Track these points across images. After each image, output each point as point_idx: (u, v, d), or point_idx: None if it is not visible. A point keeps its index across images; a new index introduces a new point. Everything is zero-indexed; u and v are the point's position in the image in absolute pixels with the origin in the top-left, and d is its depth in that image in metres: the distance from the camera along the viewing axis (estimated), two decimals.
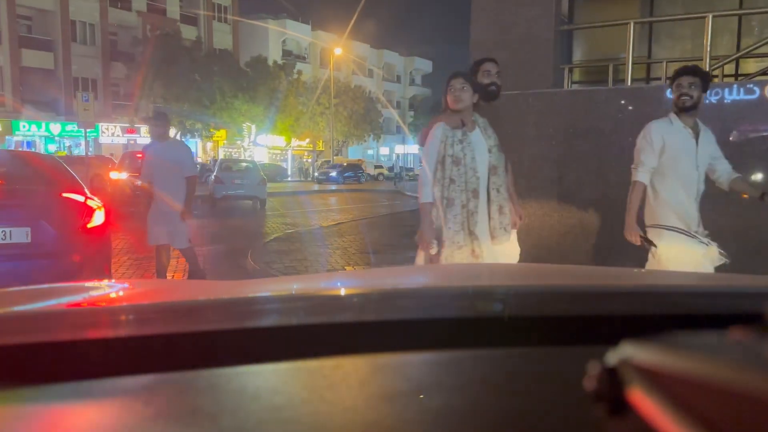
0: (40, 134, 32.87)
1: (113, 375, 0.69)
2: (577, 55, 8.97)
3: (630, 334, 0.52)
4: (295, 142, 42.73)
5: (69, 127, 32.80)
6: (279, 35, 47.56)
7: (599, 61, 8.53)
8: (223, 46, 39.32)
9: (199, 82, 32.04)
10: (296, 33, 48.07)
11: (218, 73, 32.79)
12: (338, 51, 38.76)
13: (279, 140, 41.82)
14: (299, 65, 40.43)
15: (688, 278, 1.46)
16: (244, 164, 19.07)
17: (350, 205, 19.01)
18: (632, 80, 6.33)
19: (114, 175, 13.54)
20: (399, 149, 61.58)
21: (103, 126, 33.82)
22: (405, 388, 0.65)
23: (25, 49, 31.41)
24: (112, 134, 35.53)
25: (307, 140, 44.17)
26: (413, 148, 58.06)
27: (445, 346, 0.78)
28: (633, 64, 6.15)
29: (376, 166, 47.72)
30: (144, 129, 36.51)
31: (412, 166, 50.87)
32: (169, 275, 5.96)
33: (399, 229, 10.44)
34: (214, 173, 17.02)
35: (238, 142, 40.10)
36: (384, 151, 60.76)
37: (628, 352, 0.45)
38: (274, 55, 42.78)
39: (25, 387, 0.68)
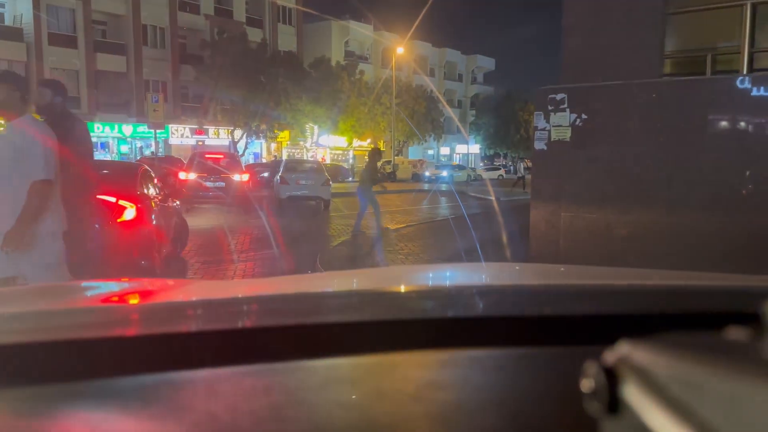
0: (113, 136, 34.04)
1: (109, 376, 0.69)
2: (669, 46, 8.20)
3: (626, 333, 0.52)
4: (356, 143, 42.71)
5: (140, 129, 33.82)
6: (342, 36, 47.76)
7: (696, 52, 7.73)
8: (288, 48, 39.70)
9: (264, 83, 32.38)
10: (359, 34, 48.18)
11: (283, 74, 33.07)
12: (400, 50, 38.43)
13: (341, 141, 41.90)
14: (361, 66, 40.37)
15: (684, 278, 1.45)
16: (308, 165, 18.96)
17: (415, 206, 18.57)
18: (731, 71, 5.60)
19: (182, 175, 13.65)
20: (461, 149, 60.75)
21: (172, 127, 34.71)
22: (400, 387, 0.66)
23: (100, 53, 32.56)
24: (181, 135, 36.43)
25: (369, 140, 44.09)
26: (475, 148, 57.21)
27: (440, 345, 0.78)
28: (734, 53, 5.40)
29: (437, 167, 47.26)
30: (213, 130, 37.49)
31: (474, 166, 50.02)
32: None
33: (466, 234, 9.90)
34: (279, 174, 16.97)
35: (301, 142, 40.42)
36: (445, 151, 60.06)
37: (624, 351, 0.46)
38: (336, 56, 42.94)
39: (26, 387, 0.68)
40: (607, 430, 0.46)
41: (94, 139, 25.66)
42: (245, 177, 14.42)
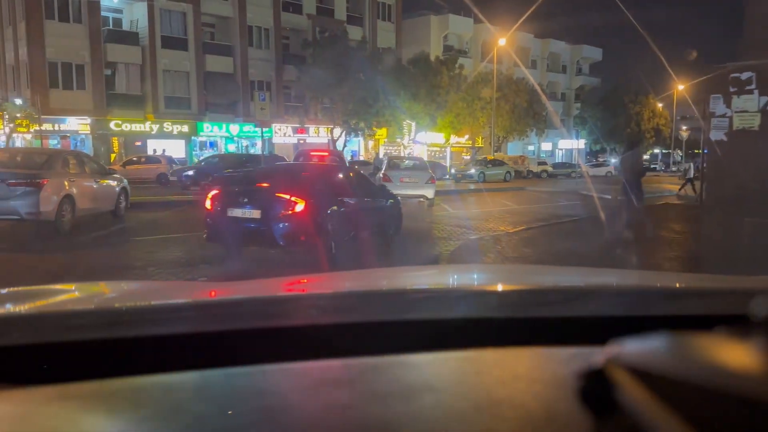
0: (220, 135, 35.27)
1: (101, 378, 0.70)
2: None
3: (618, 334, 0.52)
4: (453, 139, 41.84)
5: (246, 128, 34.80)
6: (441, 31, 47.04)
7: None
8: (387, 45, 39.51)
9: (364, 81, 32.32)
10: (458, 27, 47.18)
11: (382, 71, 32.88)
12: (502, 42, 37.05)
13: (438, 137, 41.19)
14: (460, 60, 39.42)
15: (674, 279, 1.46)
16: (412, 162, 18.39)
17: (530, 205, 17.55)
18: None
19: None
20: (564, 144, 58.18)
21: (275, 126, 35.44)
22: (395, 388, 0.67)
23: (209, 54, 33.77)
24: (283, 134, 37.17)
25: (467, 137, 43.08)
26: (580, 143, 54.53)
27: (433, 346, 0.80)
28: None
29: (540, 163, 45.30)
30: (313, 129, 38.02)
31: (575, 163, 47.53)
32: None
33: (594, 238, 8.90)
34: (381, 171, 16.51)
35: (398, 140, 40.14)
36: (546, 146, 57.69)
37: (615, 352, 0.46)
38: (435, 51, 42.24)
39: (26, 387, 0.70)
40: (601, 429, 0.46)
41: (203, 139, 26.37)
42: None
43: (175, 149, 31.96)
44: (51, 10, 28.45)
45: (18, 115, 26.94)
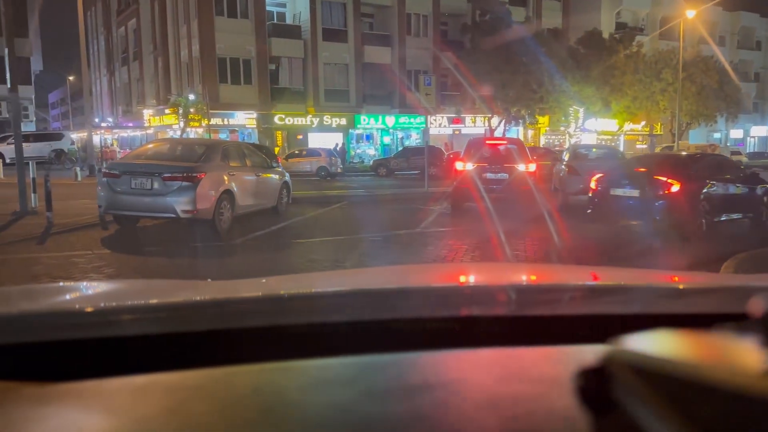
0: (377, 127, 34.72)
1: (100, 376, 0.70)
2: None
3: (615, 333, 0.53)
4: (627, 126, 37.63)
5: (402, 119, 33.90)
6: (613, 7, 42.78)
7: None
8: (552, 25, 36.46)
9: (527, 64, 29.80)
10: (633, 2, 42.60)
11: (548, 53, 30.10)
12: (691, 14, 32.32)
13: (609, 124, 37.27)
14: (637, 38, 35.30)
15: (674, 278, 1.45)
16: (602, 151, 15.84)
17: None
18: None
19: (459, 165, 11.79)
20: (757, 131, 50.57)
21: (430, 117, 34.13)
22: (393, 387, 0.67)
23: (367, 45, 33.24)
24: (438, 125, 35.76)
25: (643, 123, 38.56)
26: None
27: (432, 345, 0.80)
28: None
29: (733, 152, 39.28)
30: (469, 118, 36.22)
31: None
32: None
33: None
34: (564, 162, 14.17)
35: (562, 128, 36.98)
36: (736, 133, 50.40)
37: (615, 350, 0.47)
38: (606, 29, 38.28)
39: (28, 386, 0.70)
40: (601, 428, 0.47)
41: (359, 132, 25.98)
42: (532, 167, 11.81)
43: (333, 142, 31.93)
44: (221, 7, 29.49)
45: (191, 110, 28.18)
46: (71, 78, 55.62)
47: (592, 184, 9.88)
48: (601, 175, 9.93)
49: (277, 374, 0.72)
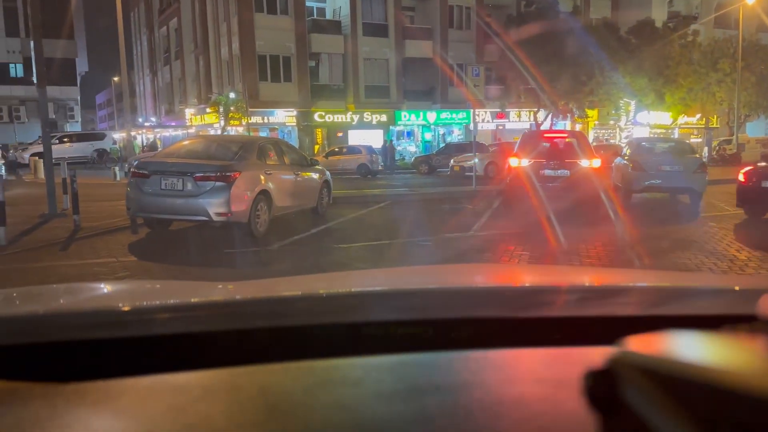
0: (417, 123, 33.86)
1: (106, 377, 0.71)
2: None
3: (623, 334, 0.53)
4: (681, 119, 35.81)
5: (444, 115, 32.94)
6: None
7: None
8: (601, 15, 34.92)
9: (576, 56, 28.49)
10: None
11: (597, 44, 28.72)
12: (751, 0, 30.40)
13: (662, 117, 35.53)
14: (692, 26, 33.51)
15: (682, 279, 1.45)
16: (670, 144, 14.59)
17: None
18: None
19: (514, 162, 10.84)
20: None
21: (472, 111, 33.13)
22: (399, 388, 0.67)
23: (408, 39, 32.37)
24: (482, 120, 34.67)
25: (698, 116, 36.64)
26: None
27: (436, 347, 0.80)
28: None
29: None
30: (514, 113, 35.00)
31: None
32: None
33: None
34: (627, 157, 13.02)
35: (612, 122, 35.43)
36: None
37: (622, 352, 0.46)
38: (658, 18, 36.50)
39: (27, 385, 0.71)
40: (608, 429, 0.47)
41: (400, 128, 25.22)
42: (597, 163, 10.52)
43: (373, 139, 31.21)
44: (260, 3, 29.09)
45: (231, 108, 27.87)
46: (116, 79, 56.51)
47: (741, 177, 9.79)
48: (750, 168, 9.92)
49: (284, 375, 0.72)
